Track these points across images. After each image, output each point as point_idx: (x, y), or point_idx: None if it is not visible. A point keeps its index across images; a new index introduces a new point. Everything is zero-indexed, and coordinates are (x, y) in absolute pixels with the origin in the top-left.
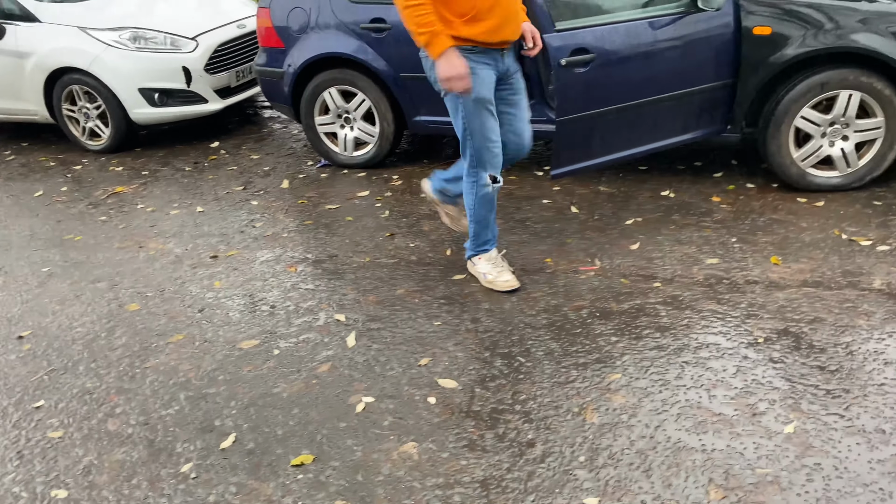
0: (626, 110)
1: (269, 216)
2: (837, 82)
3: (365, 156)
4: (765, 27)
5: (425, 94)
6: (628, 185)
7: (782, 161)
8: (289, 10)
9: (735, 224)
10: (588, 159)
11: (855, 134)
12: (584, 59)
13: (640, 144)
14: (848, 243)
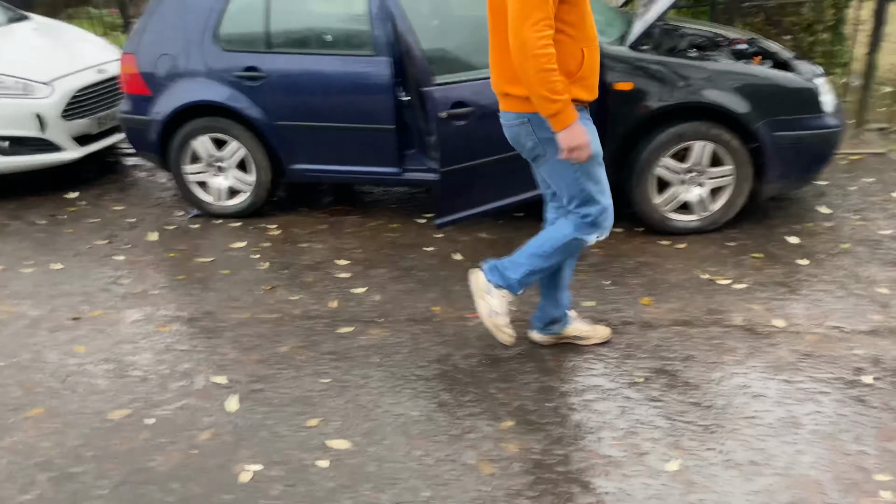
0: (504, 161)
1: (136, 272)
2: (692, 134)
3: (240, 205)
4: (626, 83)
5: (302, 142)
6: (508, 232)
7: (646, 207)
8: (157, 57)
9: (607, 267)
10: (470, 208)
11: (709, 181)
12: (463, 112)
13: (518, 193)
14: (709, 283)
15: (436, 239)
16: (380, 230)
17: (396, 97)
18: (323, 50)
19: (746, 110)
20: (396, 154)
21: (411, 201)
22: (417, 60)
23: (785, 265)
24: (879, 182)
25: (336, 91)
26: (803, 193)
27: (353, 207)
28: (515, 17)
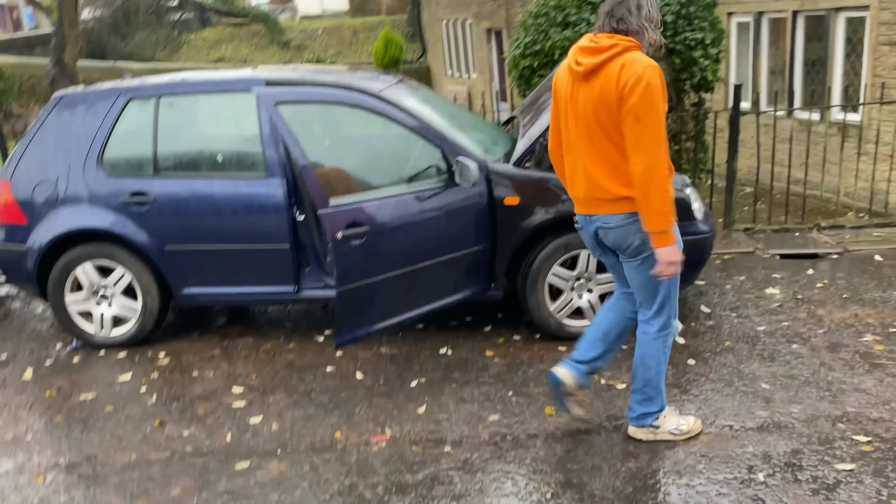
0: (401, 277)
1: (8, 415)
2: (577, 243)
3: (126, 334)
4: (513, 198)
5: (194, 266)
6: (409, 346)
7: (541, 314)
8: (35, 184)
9: (509, 377)
10: (369, 325)
11: (597, 287)
12: (358, 232)
13: (417, 307)
14: (607, 388)
15: (336, 358)
16: (276, 352)
17: (292, 217)
18: (214, 172)
19: None
20: (293, 273)
21: (309, 319)
22: (311, 183)
23: (674, 366)
24: (750, 280)
25: (229, 213)
26: (685, 294)
27: (248, 328)
28: (650, 140)
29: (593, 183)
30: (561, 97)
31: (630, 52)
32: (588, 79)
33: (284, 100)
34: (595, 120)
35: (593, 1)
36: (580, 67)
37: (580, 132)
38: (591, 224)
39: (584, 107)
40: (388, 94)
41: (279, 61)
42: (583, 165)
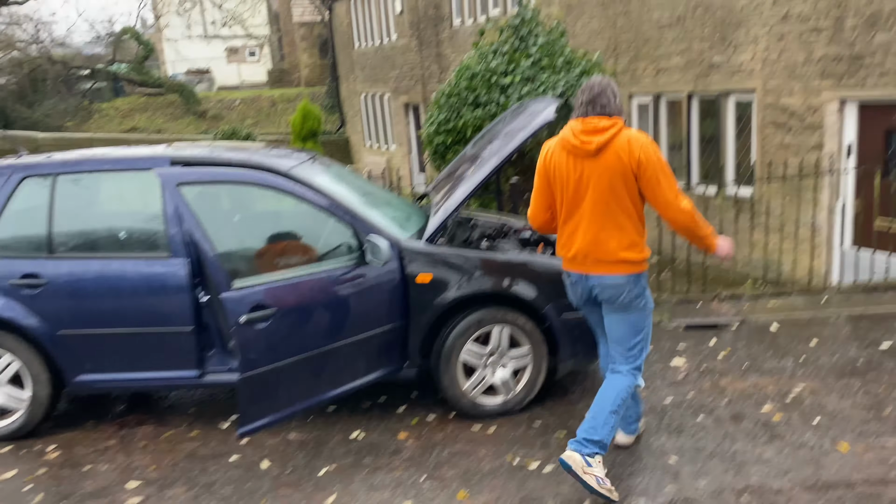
0: (310, 360)
1: None
2: (490, 319)
3: (11, 425)
4: (426, 275)
5: (90, 351)
6: (319, 430)
7: (455, 392)
8: None
9: (422, 460)
10: (276, 412)
11: (510, 362)
12: (264, 315)
13: (327, 391)
14: (520, 468)
15: (241, 446)
16: (177, 440)
17: (195, 298)
18: (114, 253)
19: (535, 295)
20: (196, 356)
21: (212, 404)
22: (213, 266)
23: None
24: (656, 351)
25: (129, 295)
26: (595, 366)
27: (148, 416)
28: (673, 193)
29: (599, 246)
30: (558, 172)
31: (627, 129)
32: (597, 154)
33: (188, 180)
34: (610, 189)
35: (502, 83)
36: (589, 145)
37: (590, 201)
38: (587, 281)
39: (598, 179)
40: (299, 172)
41: (195, 131)
42: (588, 229)
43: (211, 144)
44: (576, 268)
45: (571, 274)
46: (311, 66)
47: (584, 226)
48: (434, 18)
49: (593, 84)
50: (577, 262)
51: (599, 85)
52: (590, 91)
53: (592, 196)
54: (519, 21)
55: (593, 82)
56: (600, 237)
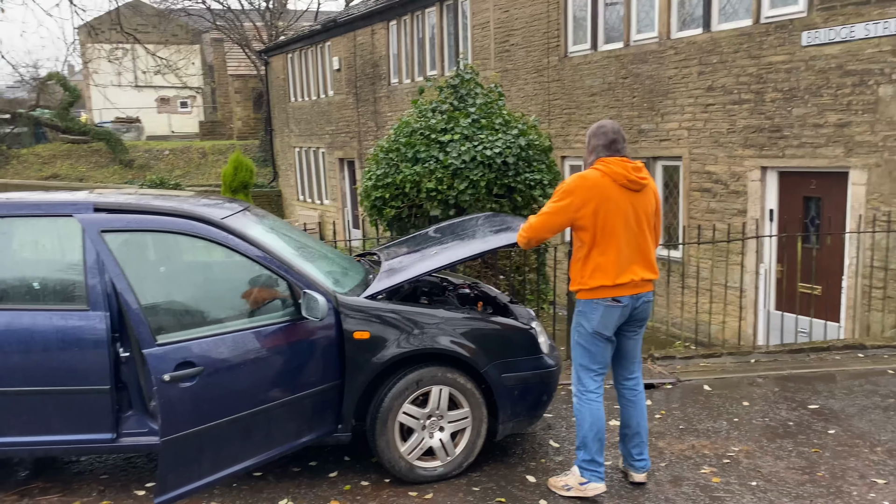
0: (238, 421)
1: None
2: (429, 379)
3: None
4: (364, 332)
5: None
6: (244, 498)
7: (391, 456)
8: None
9: None
10: (199, 479)
11: (449, 424)
12: (190, 373)
13: (255, 455)
14: None
15: None
16: None
17: (115, 354)
18: (25, 304)
19: (475, 354)
20: (112, 418)
21: (128, 469)
22: (136, 320)
23: None
24: None
25: (39, 350)
26: (535, 427)
27: (54, 483)
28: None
29: (650, 266)
30: (613, 205)
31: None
32: (642, 190)
33: (111, 228)
34: (647, 220)
35: (441, 140)
36: (644, 181)
37: (640, 229)
38: (637, 301)
39: (645, 210)
40: (231, 222)
41: (120, 180)
42: (645, 254)
43: (138, 191)
44: (630, 291)
45: (622, 298)
46: (245, 118)
47: (642, 252)
48: (372, 77)
49: (614, 127)
50: (632, 286)
51: (617, 127)
52: (614, 132)
53: (646, 226)
54: (458, 80)
55: (613, 125)
56: (649, 259)
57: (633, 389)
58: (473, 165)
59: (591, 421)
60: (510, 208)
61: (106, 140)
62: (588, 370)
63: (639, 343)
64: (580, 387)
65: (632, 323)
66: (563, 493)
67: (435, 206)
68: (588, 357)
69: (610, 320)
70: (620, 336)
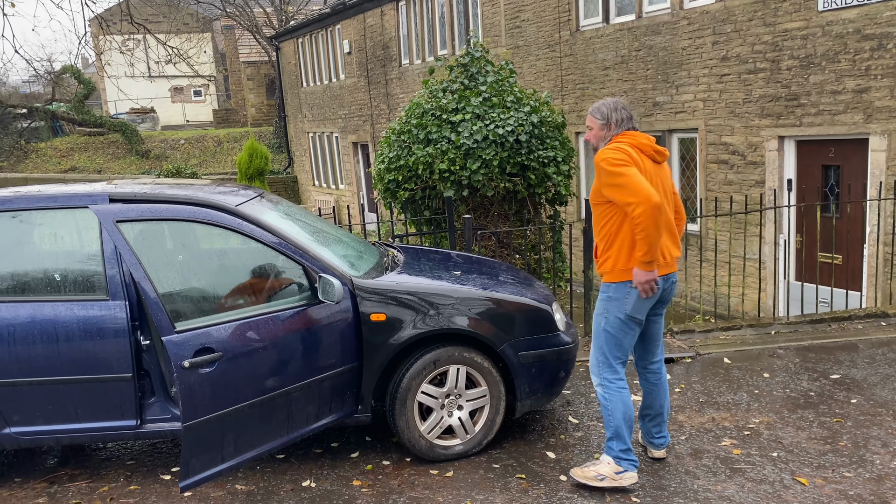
0: (259, 405)
1: None
2: (446, 358)
3: None
4: (380, 314)
5: (16, 403)
6: (268, 479)
7: (411, 435)
8: None
9: None
10: (221, 463)
11: (467, 403)
12: (209, 359)
13: (276, 438)
14: None
15: (183, 499)
16: (114, 496)
17: (136, 342)
18: (46, 296)
19: (492, 333)
20: (135, 405)
21: (153, 454)
22: (155, 308)
23: (548, 484)
24: None
25: (63, 340)
26: (553, 404)
27: (82, 469)
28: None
29: (678, 243)
30: (649, 177)
31: None
32: (663, 163)
33: (127, 217)
34: (671, 194)
35: (452, 120)
36: (666, 153)
37: (669, 203)
38: (667, 282)
39: (668, 184)
40: (246, 209)
41: (136, 171)
42: (671, 230)
43: (154, 181)
44: (667, 269)
45: (659, 278)
46: (258, 105)
47: (671, 228)
48: (382, 59)
49: (622, 102)
50: (665, 264)
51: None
52: (626, 108)
53: (671, 199)
54: (468, 59)
55: (620, 101)
56: (676, 236)
57: (657, 373)
58: (486, 145)
59: (623, 409)
60: (524, 186)
61: (122, 131)
62: (616, 358)
63: (662, 324)
64: (608, 376)
65: (658, 305)
66: (595, 483)
67: (448, 187)
68: (615, 345)
69: (646, 303)
70: (647, 319)
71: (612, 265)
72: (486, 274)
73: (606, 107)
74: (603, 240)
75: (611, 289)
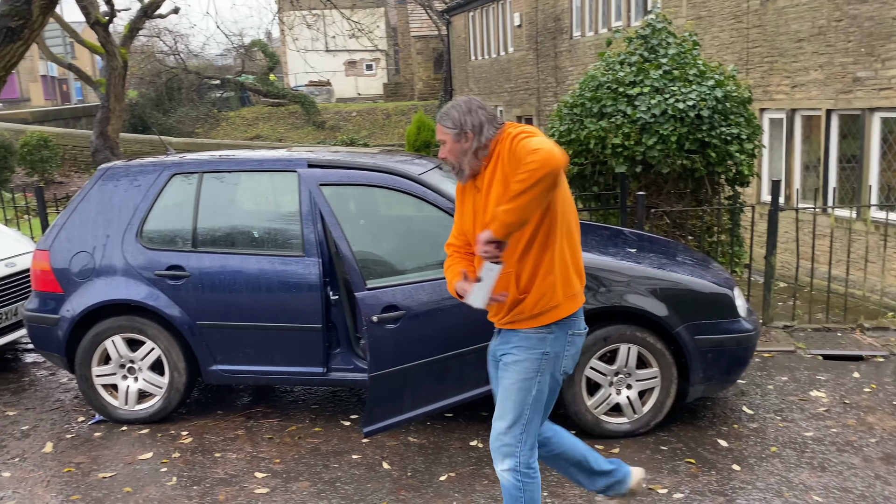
0: (435, 363)
1: (24, 492)
2: (617, 336)
3: (149, 409)
4: None
5: (224, 343)
6: (437, 435)
7: (578, 409)
8: (72, 254)
9: (543, 476)
10: (400, 414)
11: (637, 383)
12: (394, 316)
13: (449, 396)
14: (647, 492)
15: (362, 444)
16: (301, 435)
17: (326, 296)
18: (251, 250)
19: (667, 314)
20: (322, 354)
21: (335, 401)
22: (350, 265)
23: (719, 472)
24: (793, 381)
25: (264, 291)
26: (726, 392)
27: (273, 409)
28: None
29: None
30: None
31: None
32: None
33: (327, 181)
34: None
35: (629, 93)
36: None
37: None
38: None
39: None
40: (427, 178)
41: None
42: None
43: (329, 148)
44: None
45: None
46: (426, 79)
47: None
48: (553, 31)
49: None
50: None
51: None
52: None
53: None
54: (649, 30)
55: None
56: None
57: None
58: (664, 119)
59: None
60: (702, 164)
61: (301, 103)
62: (536, 427)
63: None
64: (525, 457)
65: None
66: None
67: (620, 163)
68: (542, 405)
69: (576, 352)
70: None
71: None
72: (662, 253)
73: (457, 110)
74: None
75: (551, 327)
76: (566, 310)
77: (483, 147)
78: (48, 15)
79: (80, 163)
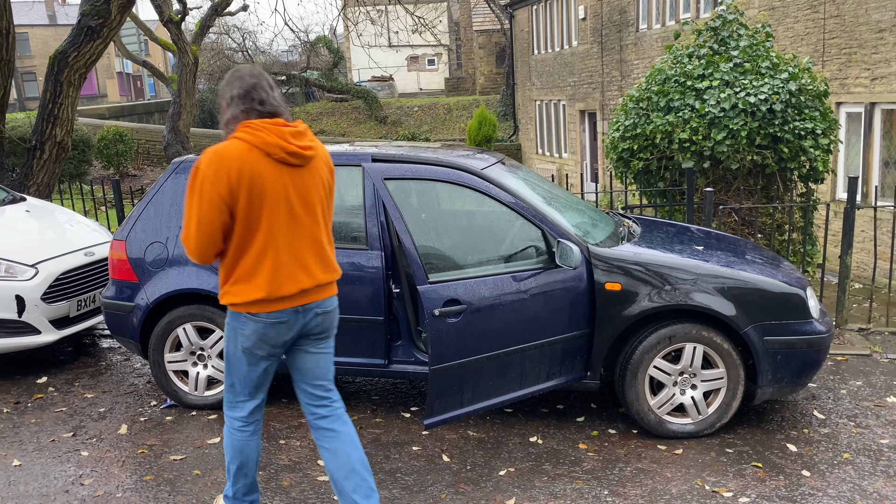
0: (495, 358)
1: (101, 470)
2: (683, 335)
3: (218, 395)
4: (615, 283)
5: None
6: (497, 430)
7: (640, 408)
8: (147, 244)
9: (604, 474)
10: (460, 408)
11: (702, 383)
12: (455, 310)
13: (509, 392)
14: (712, 495)
15: (422, 436)
16: (363, 425)
17: (388, 289)
18: None
19: (735, 313)
20: (384, 345)
21: (395, 393)
22: (412, 259)
23: (787, 477)
24: (868, 385)
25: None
26: (796, 395)
27: None
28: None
29: (327, 265)
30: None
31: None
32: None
33: (392, 175)
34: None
35: (697, 87)
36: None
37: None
38: (308, 315)
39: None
40: (490, 173)
41: (375, 135)
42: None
43: (392, 143)
44: (296, 302)
45: (284, 313)
46: (487, 73)
47: (314, 248)
48: (618, 24)
49: (254, 70)
50: (301, 296)
51: (259, 71)
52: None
53: (319, 212)
54: (720, 22)
55: (252, 69)
56: (325, 257)
57: (326, 417)
58: (734, 113)
59: (231, 454)
60: (774, 160)
61: (364, 98)
62: (234, 392)
63: (324, 360)
64: (227, 410)
65: (308, 338)
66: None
67: (688, 158)
68: (236, 376)
69: (266, 339)
70: (294, 352)
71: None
72: (730, 251)
73: (226, 80)
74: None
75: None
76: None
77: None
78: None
79: (153, 156)
